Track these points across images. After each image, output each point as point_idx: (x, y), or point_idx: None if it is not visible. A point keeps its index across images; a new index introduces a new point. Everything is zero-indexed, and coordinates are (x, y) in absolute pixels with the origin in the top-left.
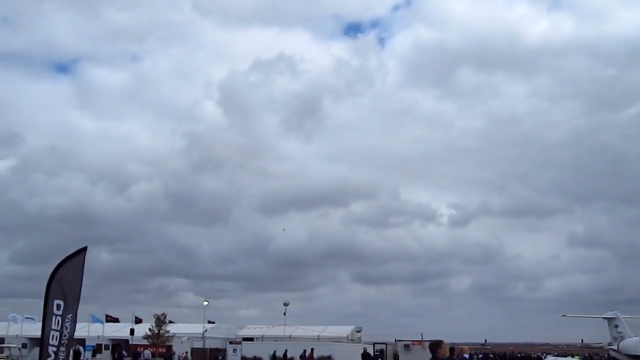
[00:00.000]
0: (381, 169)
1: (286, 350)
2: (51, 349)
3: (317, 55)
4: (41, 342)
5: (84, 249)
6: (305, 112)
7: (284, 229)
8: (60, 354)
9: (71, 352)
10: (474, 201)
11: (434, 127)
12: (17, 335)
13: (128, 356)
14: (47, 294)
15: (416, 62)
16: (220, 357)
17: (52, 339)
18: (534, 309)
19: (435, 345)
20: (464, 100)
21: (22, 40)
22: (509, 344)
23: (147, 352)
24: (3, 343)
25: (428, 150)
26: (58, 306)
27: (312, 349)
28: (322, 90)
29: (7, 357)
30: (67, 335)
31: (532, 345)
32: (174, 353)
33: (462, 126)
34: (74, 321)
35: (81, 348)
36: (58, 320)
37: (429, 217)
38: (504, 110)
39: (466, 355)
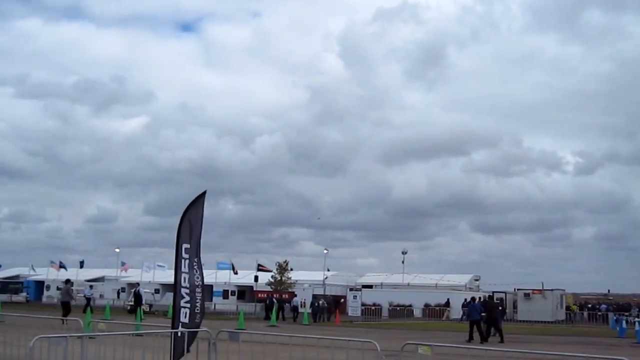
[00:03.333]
0: (503, 117)
1: None
2: (184, 291)
3: (442, 2)
4: (175, 285)
5: (204, 193)
6: (428, 61)
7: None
8: (194, 295)
9: (132, 293)
10: (601, 148)
11: (558, 72)
12: (149, 282)
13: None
14: (178, 238)
15: (540, 5)
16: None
17: (184, 282)
18: None
19: None
20: (590, 43)
21: (147, 3)
22: (634, 295)
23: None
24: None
25: (552, 96)
26: (186, 249)
27: None
28: (446, 38)
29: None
30: (199, 277)
31: None
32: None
33: (588, 70)
34: (200, 263)
35: (142, 290)
36: (186, 264)
37: (553, 165)
38: (634, 52)
39: None
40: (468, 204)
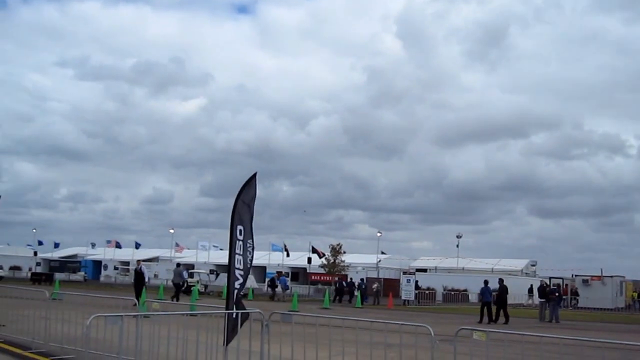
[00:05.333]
0: (564, 99)
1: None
2: (238, 273)
3: None
4: (229, 267)
5: (254, 175)
6: (490, 42)
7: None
8: (247, 277)
9: (133, 272)
10: None
11: (622, 53)
12: (205, 262)
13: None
14: (232, 220)
15: None
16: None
17: (238, 263)
18: None
19: None
20: None
21: None
22: None
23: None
24: (193, 269)
25: (615, 77)
26: (240, 231)
27: None
28: (509, 18)
29: (198, 282)
30: (250, 259)
31: None
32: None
33: None
34: (252, 245)
35: (144, 268)
36: (240, 245)
37: (616, 148)
38: None
39: None
40: (526, 187)
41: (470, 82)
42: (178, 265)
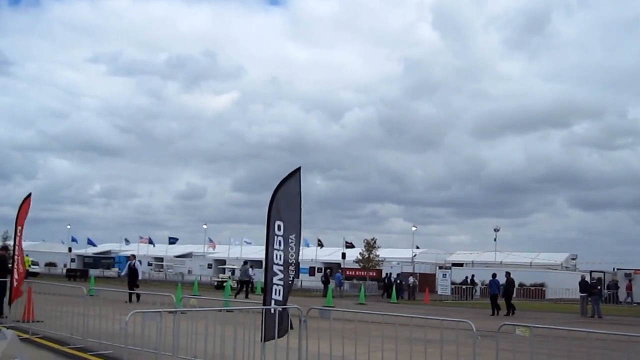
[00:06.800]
0: (608, 87)
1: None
2: (277, 268)
3: None
4: (266, 262)
5: (298, 170)
6: (531, 29)
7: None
8: (287, 272)
9: (126, 267)
10: None
11: None
12: (237, 258)
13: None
14: (269, 215)
15: None
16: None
17: (277, 259)
18: None
19: None
20: None
21: None
22: None
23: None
24: (224, 264)
25: None
26: (279, 227)
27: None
28: (551, 4)
29: (229, 277)
30: (294, 255)
31: None
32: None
33: None
34: (297, 242)
35: (138, 263)
36: (280, 241)
37: None
38: None
39: None
40: (567, 179)
41: (510, 71)
42: (245, 262)
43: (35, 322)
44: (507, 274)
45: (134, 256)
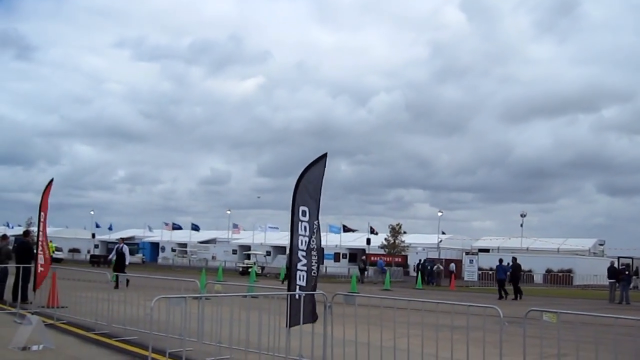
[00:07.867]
0: (638, 71)
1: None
2: (300, 254)
3: None
4: (290, 248)
5: (324, 155)
6: (561, 12)
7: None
8: (310, 258)
9: (113, 251)
10: None
11: None
12: (261, 244)
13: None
14: (294, 200)
15: None
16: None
17: (301, 244)
18: None
19: None
20: None
21: None
22: None
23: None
24: (249, 250)
25: None
26: (304, 212)
27: None
28: None
29: (254, 263)
30: (315, 241)
31: None
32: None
33: None
34: (319, 226)
35: (125, 248)
36: (305, 227)
37: None
38: None
39: None
40: (596, 164)
41: (538, 55)
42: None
43: (59, 308)
44: (514, 259)
45: (122, 239)
